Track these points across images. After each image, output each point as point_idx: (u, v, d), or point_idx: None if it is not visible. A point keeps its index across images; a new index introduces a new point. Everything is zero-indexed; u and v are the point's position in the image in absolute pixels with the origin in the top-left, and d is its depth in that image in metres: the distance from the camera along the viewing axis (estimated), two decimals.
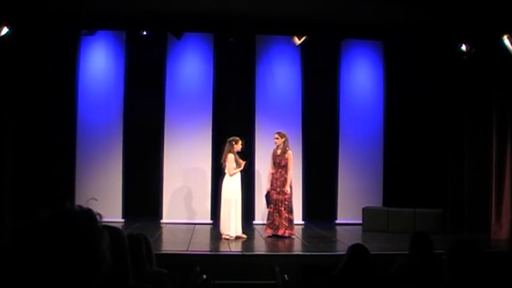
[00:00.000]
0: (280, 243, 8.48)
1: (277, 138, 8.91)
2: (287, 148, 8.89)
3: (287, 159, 8.82)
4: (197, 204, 10.68)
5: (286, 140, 8.91)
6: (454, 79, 10.36)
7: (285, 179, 8.79)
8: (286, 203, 8.78)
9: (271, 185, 8.92)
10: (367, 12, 8.61)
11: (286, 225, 8.76)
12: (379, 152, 11.07)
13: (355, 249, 3.91)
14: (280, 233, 8.74)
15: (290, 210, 8.84)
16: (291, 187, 8.90)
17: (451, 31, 9.09)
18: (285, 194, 8.78)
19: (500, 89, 9.32)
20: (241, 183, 8.78)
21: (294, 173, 10.52)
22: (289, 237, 8.75)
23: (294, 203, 10.59)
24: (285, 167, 8.81)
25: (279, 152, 8.89)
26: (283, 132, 9.00)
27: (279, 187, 8.81)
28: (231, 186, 8.65)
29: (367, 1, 8.34)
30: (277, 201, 8.81)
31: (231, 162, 8.61)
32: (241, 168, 8.67)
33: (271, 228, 8.83)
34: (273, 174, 8.90)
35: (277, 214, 8.78)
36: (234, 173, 8.63)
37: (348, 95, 11.11)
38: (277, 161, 8.85)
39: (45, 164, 10.14)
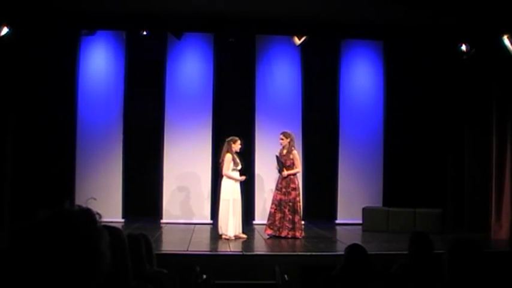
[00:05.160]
0: (280, 243, 8.47)
1: (282, 139, 8.85)
2: (292, 148, 8.82)
3: (292, 159, 8.76)
4: (197, 204, 10.67)
5: (291, 140, 8.83)
6: (454, 79, 10.36)
7: (290, 179, 8.74)
8: (290, 204, 8.68)
9: (276, 186, 8.89)
10: (367, 12, 8.61)
11: (290, 226, 8.66)
12: (379, 152, 11.07)
13: (352, 249, 3.91)
14: (283, 234, 8.65)
15: (294, 212, 8.69)
16: (298, 187, 8.81)
17: (451, 31, 9.09)
18: (290, 194, 8.70)
19: (501, 89, 9.32)
20: (240, 183, 8.77)
21: None
22: (292, 238, 8.64)
23: None
24: (290, 168, 8.76)
25: (284, 152, 8.85)
26: (289, 132, 8.93)
27: (284, 187, 8.74)
28: (230, 186, 8.63)
29: (367, 1, 8.34)
30: (281, 202, 8.72)
31: (227, 162, 8.58)
32: (239, 179, 8.61)
33: (271, 229, 8.76)
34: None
35: (280, 215, 8.71)
36: (228, 175, 8.59)
37: (348, 95, 11.11)
38: (283, 161, 8.82)
39: (45, 164, 10.14)
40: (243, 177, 8.69)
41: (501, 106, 9.33)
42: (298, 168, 8.85)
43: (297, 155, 8.86)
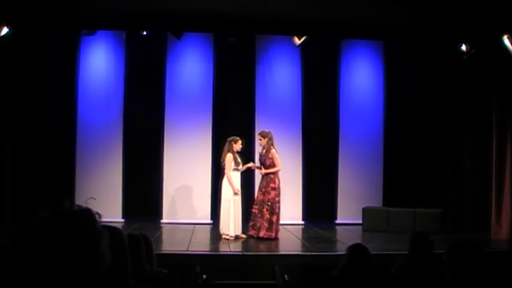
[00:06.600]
0: (280, 243, 8.47)
1: (260, 139, 8.84)
2: (271, 147, 8.76)
3: (271, 158, 8.71)
4: (197, 204, 10.67)
5: (269, 139, 8.76)
6: (454, 79, 10.36)
7: (270, 179, 8.67)
8: (269, 203, 8.60)
9: (259, 186, 8.86)
10: (367, 12, 8.61)
11: (267, 226, 8.58)
12: (379, 152, 11.07)
13: (355, 249, 3.90)
14: (261, 234, 8.57)
15: (272, 212, 8.60)
16: (278, 187, 8.69)
17: (451, 31, 9.09)
18: (269, 194, 8.62)
19: (500, 89, 9.32)
20: (241, 183, 8.78)
21: (294, 174, 10.55)
22: (267, 239, 8.50)
23: (294, 203, 10.61)
24: (270, 167, 8.73)
25: (264, 152, 8.84)
26: (267, 131, 8.86)
27: (264, 187, 8.70)
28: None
29: (367, 1, 8.34)
30: (261, 202, 8.66)
31: (229, 161, 8.58)
32: (235, 190, 8.56)
33: (254, 229, 8.70)
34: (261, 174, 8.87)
35: (259, 215, 8.65)
36: (228, 176, 8.59)
37: (348, 95, 11.10)
38: (262, 160, 8.81)
39: (45, 164, 10.15)
40: (238, 193, 8.63)
41: (501, 106, 9.33)
42: (278, 167, 8.73)
43: (276, 154, 8.73)
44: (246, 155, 9.39)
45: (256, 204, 8.76)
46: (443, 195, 10.61)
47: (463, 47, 9.49)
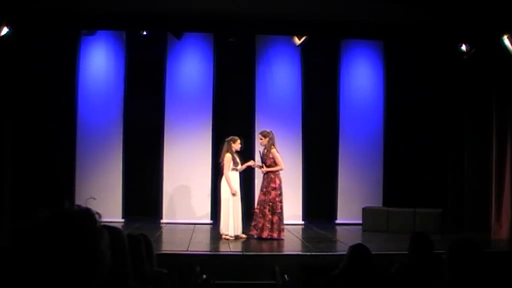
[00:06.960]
0: (280, 243, 8.47)
1: (261, 139, 8.81)
2: (272, 147, 8.74)
3: (272, 158, 8.70)
4: (197, 204, 10.67)
5: (270, 139, 8.73)
6: (454, 79, 10.36)
7: (271, 179, 8.65)
8: (270, 204, 8.59)
9: (260, 187, 8.86)
10: (367, 12, 8.61)
11: (270, 227, 8.56)
12: (379, 152, 11.06)
13: (356, 249, 3.90)
14: (264, 235, 8.54)
15: (273, 212, 8.58)
16: (279, 187, 8.67)
17: (451, 31, 9.09)
18: (270, 194, 8.61)
19: (500, 89, 9.32)
20: (240, 183, 8.77)
21: (294, 174, 10.54)
22: (269, 239, 8.51)
23: (294, 203, 10.59)
24: (270, 166, 8.69)
25: (265, 151, 8.83)
26: (268, 131, 8.84)
27: (265, 187, 8.68)
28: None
29: (367, 1, 8.34)
30: (262, 202, 8.65)
31: (227, 162, 8.58)
32: (232, 191, 8.53)
33: (256, 230, 8.67)
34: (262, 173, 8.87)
35: (261, 215, 8.63)
36: (227, 176, 8.57)
37: (348, 95, 11.10)
38: (264, 160, 8.80)
39: (45, 164, 10.14)
40: (236, 194, 8.61)
41: (501, 106, 9.33)
42: (281, 166, 8.70)
43: (277, 153, 8.68)
44: (246, 154, 9.39)
45: (258, 204, 8.76)
46: (443, 195, 10.61)
47: (463, 47, 9.49)
